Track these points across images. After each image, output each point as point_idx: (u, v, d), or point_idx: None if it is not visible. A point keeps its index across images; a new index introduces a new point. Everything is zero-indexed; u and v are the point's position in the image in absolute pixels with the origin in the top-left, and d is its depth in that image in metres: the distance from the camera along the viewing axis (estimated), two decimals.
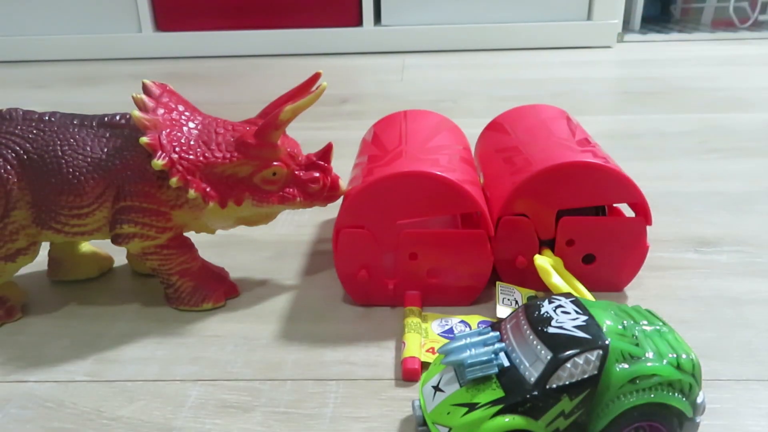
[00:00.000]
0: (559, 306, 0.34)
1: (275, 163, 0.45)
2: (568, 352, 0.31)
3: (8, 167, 0.43)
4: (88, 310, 0.49)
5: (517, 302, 0.45)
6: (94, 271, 0.53)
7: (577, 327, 0.32)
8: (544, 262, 0.44)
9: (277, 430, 0.36)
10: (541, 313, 0.33)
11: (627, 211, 0.49)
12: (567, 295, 0.35)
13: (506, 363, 0.32)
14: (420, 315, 0.45)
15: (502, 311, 0.43)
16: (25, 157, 0.43)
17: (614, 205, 0.49)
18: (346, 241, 0.46)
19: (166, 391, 0.40)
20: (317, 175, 0.46)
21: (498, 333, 0.34)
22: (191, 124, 0.44)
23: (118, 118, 0.45)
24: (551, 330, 0.32)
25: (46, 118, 0.44)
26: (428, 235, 0.46)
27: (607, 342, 0.31)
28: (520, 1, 1.53)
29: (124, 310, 0.49)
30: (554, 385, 0.30)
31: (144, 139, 0.41)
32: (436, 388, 0.33)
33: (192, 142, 0.43)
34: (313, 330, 0.46)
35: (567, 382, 0.30)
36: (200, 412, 0.38)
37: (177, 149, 0.42)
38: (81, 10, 1.55)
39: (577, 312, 0.33)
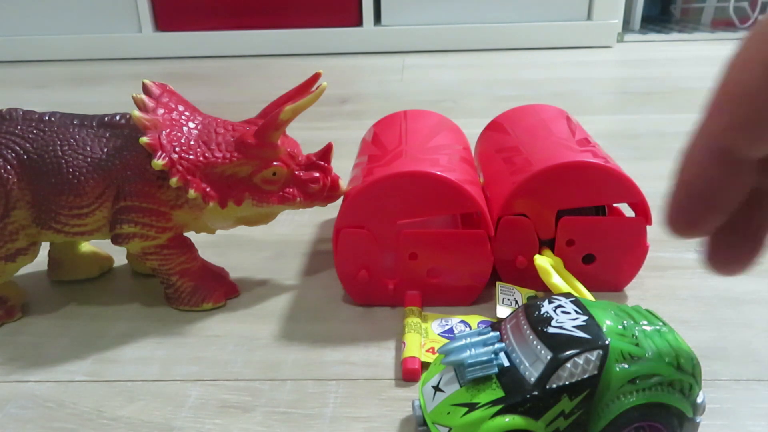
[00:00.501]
0: (559, 306, 0.34)
1: (275, 163, 0.45)
2: (568, 352, 0.31)
3: (8, 167, 0.43)
4: (88, 310, 0.49)
5: (517, 302, 0.45)
6: (94, 271, 0.53)
7: (577, 327, 0.32)
8: (544, 262, 0.44)
9: (277, 430, 0.36)
10: (541, 313, 0.33)
11: (627, 211, 0.49)
12: (567, 295, 0.35)
13: (506, 363, 0.32)
14: (420, 315, 0.45)
15: (502, 311, 0.43)
16: (25, 157, 0.43)
17: (614, 205, 0.49)
18: (346, 241, 0.46)
19: (166, 391, 0.40)
20: (317, 175, 0.46)
21: (498, 333, 0.34)
22: (191, 124, 0.44)
23: (118, 118, 0.45)
24: (551, 330, 0.32)
25: (46, 118, 0.44)
26: (428, 235, 0.46)
27: (607, 342, 0.31)
28: (520, 1, 1.53)
29: (124, 310, 0.49)
30: (554, 385, 0.30)
31: (144, 139, 0.41)
32: (436, 388, 0.33)
33: (192, 142, 0.43)
34: (313, 330, 0.46)
35: (567, 382, 0.30)
36: (200, 412, 0.38)
37: (177, 149, 0.42)
38: (81, 10, 1.55)
39: (577, 312, 0.33)
